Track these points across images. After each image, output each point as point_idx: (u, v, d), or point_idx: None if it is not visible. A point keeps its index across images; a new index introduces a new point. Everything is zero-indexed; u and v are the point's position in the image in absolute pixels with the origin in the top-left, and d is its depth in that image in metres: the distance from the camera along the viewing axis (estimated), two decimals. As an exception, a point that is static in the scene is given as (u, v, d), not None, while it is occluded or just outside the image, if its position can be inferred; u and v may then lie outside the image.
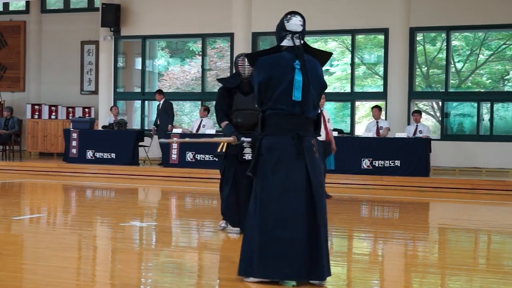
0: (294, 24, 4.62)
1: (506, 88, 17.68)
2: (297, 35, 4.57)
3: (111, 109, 16.83)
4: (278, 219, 4.41)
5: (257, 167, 4.53)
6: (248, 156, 6.51)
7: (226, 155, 6.76)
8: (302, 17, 4.70)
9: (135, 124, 17.82)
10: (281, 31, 4.65)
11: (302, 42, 4.58)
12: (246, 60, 6.58)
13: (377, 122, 14.21)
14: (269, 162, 4.47)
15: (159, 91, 16.11)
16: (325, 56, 4.80)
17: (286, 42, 4.60)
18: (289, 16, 4.67)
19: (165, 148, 14.75)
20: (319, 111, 4.68)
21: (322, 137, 9.97)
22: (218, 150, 6.80)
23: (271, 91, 4.47)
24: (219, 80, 7.10)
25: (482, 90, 17.14)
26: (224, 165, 6.82)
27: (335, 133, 13.96)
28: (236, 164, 6.67)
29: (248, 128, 6.62)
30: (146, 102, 18.44)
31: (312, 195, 4.49)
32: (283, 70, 4.46)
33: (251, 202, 4.58)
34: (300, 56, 4.48)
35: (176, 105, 20.39)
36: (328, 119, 10.52)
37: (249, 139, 6.51)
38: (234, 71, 6.94)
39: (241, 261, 4.59)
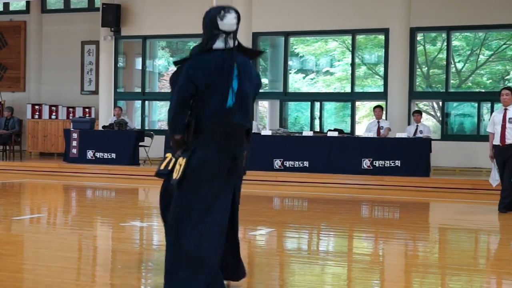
0: (229, 23, 4.00)
1: (507, 88, 17.65)
2: (231, 35, 4.02)
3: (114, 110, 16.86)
4: (203, 235, 4.02)
5: (183, 180, 4.03)
6: None
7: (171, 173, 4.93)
8: (237, 12, 4.07)
9: (136, 124, 17.83)
10: (213, 29, 4.02)
11: (236, 44, 4.06)
12: None
13: (378, 122, 14.21)
14: (204, 177, 4.01)
15: None
16: (256, 53, 4.46)
17: (218, 44, 4.01)
18: (223, 12, 4.00)
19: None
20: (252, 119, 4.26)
21: (496, 141, 9.40)
22: (162, 166, 4.81)
23: (208, 97, 3.95)
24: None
25: (483, 90, 17.13)
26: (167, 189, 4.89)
27: (335, 133, 13.99)
28: None
29: None
30: (147, 102, 18.44)
31: (233, 211, 4.24)
32: (219, 75, 3.96)
33: (174, 218, 4.11)
34: (235, 59, 3.99)
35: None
36: (510, 118, 9.41)
37: None
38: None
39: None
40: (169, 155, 4.88)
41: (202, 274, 4.00)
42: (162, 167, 4.83)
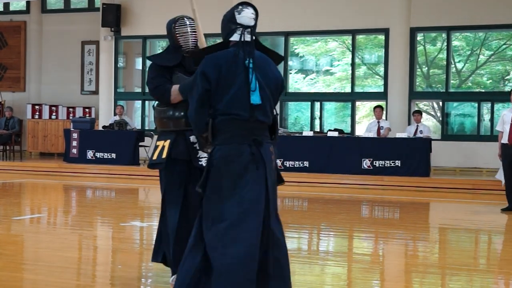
0: (247, 17, 3.96)
1: (507, 88, 17.62)
2: (249, 29, 3.94)
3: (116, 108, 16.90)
4: (234, 239, 3.72)
5: (207, 182, 3.79)
6: (205, 161, 4.23)
7: (170, 162, 4.61)
8: (255, 9, 4.02)
9: (136, 124, 17.83)
10: (230, 23, 3.97)
11: (253, 38, 3.96)
12: (188, 24, 4.82)
13: (378, 122, 14.21)
14: (225, 176, 3.76)
15: None
16: (277, 57, 4.17)
17: (236, 37, 3.93)
18: (240, 7, 3.97)
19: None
20: (276, 115, 4.02)
21: (504, 140, 9.40)
22: (155, 156, 4.66)
23: (220, 93, 3.80)
24: (151, 57, 4.88)
25: (483, 90, 17.13)
26: (167, 179, 4.65)
27: (335, 133, 13.99)
28: (187, 175, 4.60)
29: None
30: (147, 102, 18.43)
31: (268, 210, 3.88)
32: (234, 69, 3.82)
33: (199, 224, 3.84)
34: (250, 52, 3.88)
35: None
36: None
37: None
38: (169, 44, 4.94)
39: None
40: (160, 143, 4.73)
41: None
42: (154, 157, 4.68)
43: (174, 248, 4.51)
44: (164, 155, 4.62)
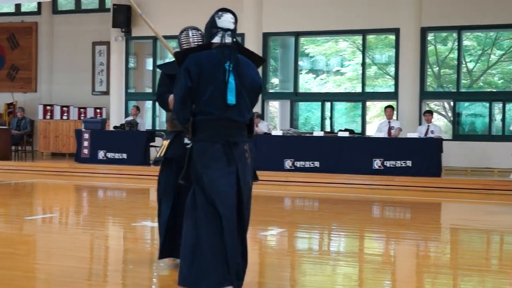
0: (226, 21, 4.28)
1: (518, 88, 17.59)
2: (229, 32, 4.26)
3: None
4: (209, 222, 4.12)
5: (189, 174, 4.24)
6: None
7: (166, 161, 5.13)
8: (234, 15, 4.35)
9: (147, 125, 17.87)
10: (212, 28, 4.30)
11: (234, 40, 4.27)
12: (190, 35, 5.25)
13: (389, 122, 14.18)
14: (200, 166, 4.15)
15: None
16: (258, 60, 4.47)
17: (217, 39, 4.26)
18: (220, 12, 4.30)
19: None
20: (253, 115, 4.37)
21: None
22: (158, 154, 5.22)
23: (201, 91, 4.14)
24: (160, 66, 5.51)
25: (494, 90, 17.06)
26: (163, 175, 5.16)
27: (346, 133, 13.97)
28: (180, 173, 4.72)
29: None
30: (157, 102, 18.46)
31: (241, 203, 4.18)
32: (213, 70, 4.14)
33: (191, 208, 4.22)
34: (231, 55, 4.18)
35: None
36: None
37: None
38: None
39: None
40: (164, 142, 5.18)
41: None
42: (157, 155, 5.19)
43: (163, 240, 5.05)
44: (162, 154, 5.12)
